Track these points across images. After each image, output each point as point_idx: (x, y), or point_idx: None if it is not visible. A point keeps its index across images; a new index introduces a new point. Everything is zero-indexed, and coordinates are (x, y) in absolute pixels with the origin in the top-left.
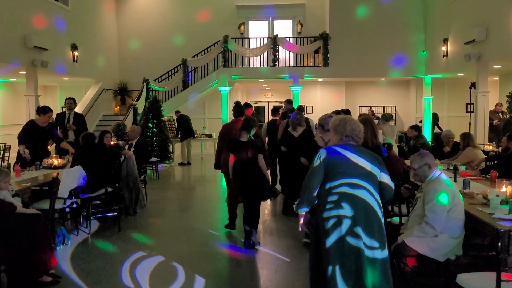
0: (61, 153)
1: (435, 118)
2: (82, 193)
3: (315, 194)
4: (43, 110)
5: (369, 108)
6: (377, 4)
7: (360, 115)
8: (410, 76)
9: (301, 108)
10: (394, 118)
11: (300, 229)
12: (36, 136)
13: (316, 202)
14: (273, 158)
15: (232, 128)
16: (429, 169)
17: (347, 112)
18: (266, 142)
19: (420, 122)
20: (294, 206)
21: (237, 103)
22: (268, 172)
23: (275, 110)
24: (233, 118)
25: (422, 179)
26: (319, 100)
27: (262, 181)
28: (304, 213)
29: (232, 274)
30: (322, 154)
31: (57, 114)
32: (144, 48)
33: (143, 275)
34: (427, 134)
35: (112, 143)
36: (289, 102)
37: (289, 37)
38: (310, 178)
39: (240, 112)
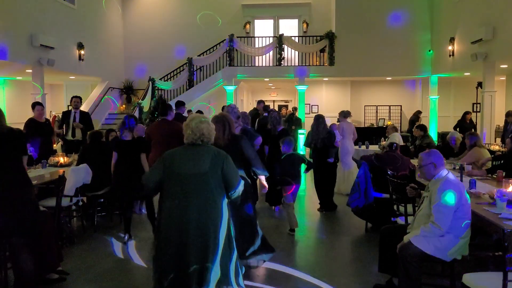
0: (67, 151)
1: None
2: (88, 191)
3: (151, 186)
4: (32, 106)
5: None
6: (383, 3)
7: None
8: (416, 76)
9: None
10: (400, 117)
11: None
12: (38, 132)
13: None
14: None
15: (160, 127)
16: (435, 168)
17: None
18: None
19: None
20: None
21: (164, 101)
22: None
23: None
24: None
25: (427, 177)
26: (324, 99)
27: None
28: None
29: None
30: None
31: (63, 112)
32: (149, 47)
33: (149, 273)
34: (433, 134)
35: None
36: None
37: (294, 36)
38: (149, 172)
39: (164, 112)
